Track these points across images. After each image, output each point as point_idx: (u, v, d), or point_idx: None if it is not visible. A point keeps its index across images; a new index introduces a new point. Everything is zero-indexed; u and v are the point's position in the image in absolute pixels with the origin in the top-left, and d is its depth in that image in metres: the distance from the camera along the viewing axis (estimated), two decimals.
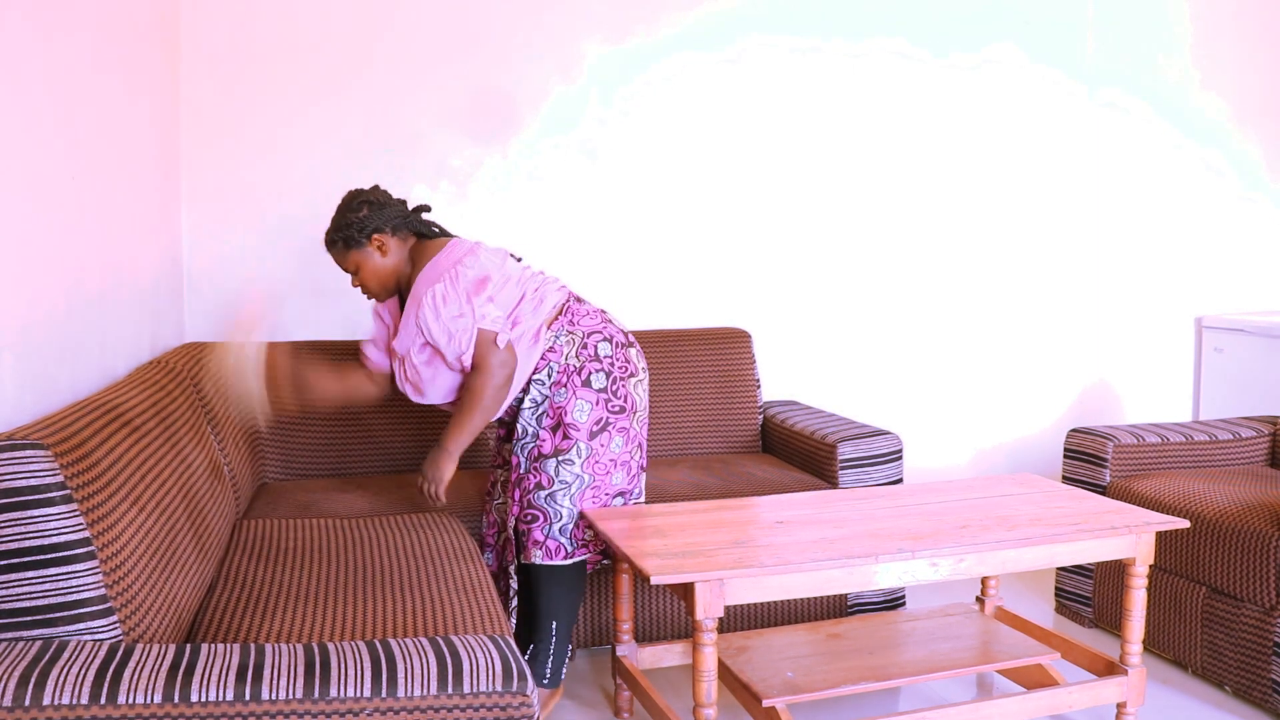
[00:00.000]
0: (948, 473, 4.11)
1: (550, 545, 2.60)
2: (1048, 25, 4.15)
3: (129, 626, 1.63)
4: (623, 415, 2.67)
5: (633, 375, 2.72)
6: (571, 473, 2.60)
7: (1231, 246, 4.47)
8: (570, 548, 2.61)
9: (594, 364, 2.65)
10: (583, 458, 2.61)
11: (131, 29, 2.77)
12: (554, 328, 2.67)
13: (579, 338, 2.67)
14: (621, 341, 2.73)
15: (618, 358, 2.69)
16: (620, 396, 2.67)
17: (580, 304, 2.75)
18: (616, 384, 2.67)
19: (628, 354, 2.73)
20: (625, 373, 2.70)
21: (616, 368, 2.68)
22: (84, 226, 2.31)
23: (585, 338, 2.67)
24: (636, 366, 2.74)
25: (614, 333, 2.73)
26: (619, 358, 2.70)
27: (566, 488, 2.60)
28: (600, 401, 2.63)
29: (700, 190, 3.87)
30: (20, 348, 1.92)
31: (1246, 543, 2.68)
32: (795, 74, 3.91)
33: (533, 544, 2.60)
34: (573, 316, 2.70)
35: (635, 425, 2.70)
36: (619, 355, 2.70)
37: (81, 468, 1.66)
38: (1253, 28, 4.41)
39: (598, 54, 3.73)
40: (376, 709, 1.48)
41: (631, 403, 2.69)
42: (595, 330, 2.69)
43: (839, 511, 2.62)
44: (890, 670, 2.53)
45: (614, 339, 2.71)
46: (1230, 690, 2.78)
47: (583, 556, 2.64)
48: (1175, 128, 4.34)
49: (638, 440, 2.71)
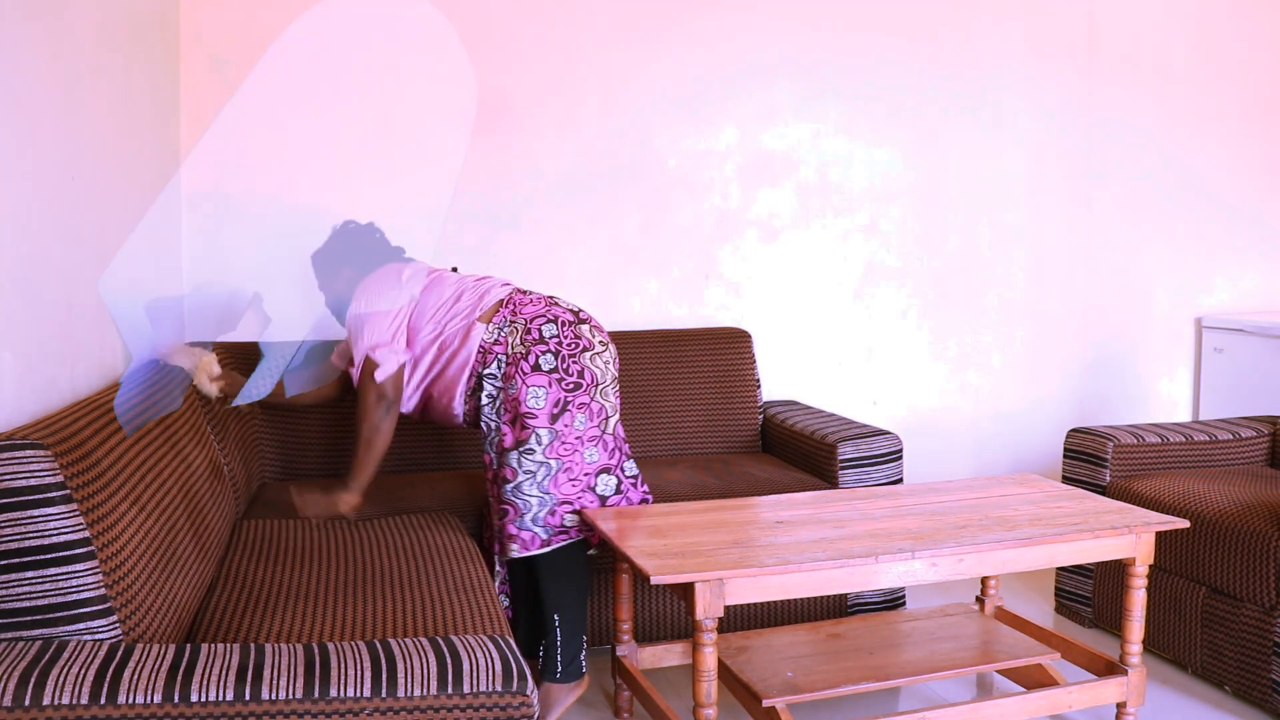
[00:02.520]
0: (948, 473, 4.11)
1: (525, 536, 2.58)
2: (1049, 23, 4.15)
3: (129, 626, 1.63)
4: (580, 391, 2.63)
5: (586, 349, 2.68)
6: (534, 461, 2.58)
7: (1231, 246, 4.47)
8: (546, 535, 2.59)
9: (539, 347, 2.64)
10: (543, 444, 2.59)
11: (131, 29, 2.77)
12: (496, 320, 2.69)
13: (522, 325, 2.67)
14: (568, 320, 2.70)
15: (565, 335, 2.67)
16: (574, 373, 2.63)
17: (524, 294, 2.77)
18: (567, 361, 2.64)
19: (577, 330, 2.69)
20: (576, 348, 2.66)
21: (565, 345, 2.65)
22: (84, 226, 2.31)
23: (529, 323, 2.67)
24: (590, 340, 2.70)
25: (559, 313, 2.71)
26: (566, 335, 2.67)
27: (531, 477, 2.58)
28: (553, 382, 2.61)
29: (700, 190, 3.87)
30: (20, 348, 1.92)
31: (1246, 543, 2.68)
32: (795, 73, 3.91)
33: (508, 538, 2.60)
34: (515, 307, 2.72)
35: (599, 398, 2.67)
36: (566, 333, 2.67)
37: (81, 468, 1.66)
38: (1254, 27, 4.41)
39: (598, 54, 3.73)
40: (376, 709, 1.48)
41: (590, 376, 2.66)
42: (539, 315, 2.69)
43: (839, 511, 2.62)
44: (890, 670, 2.53)
45: (559, 319, 2.69)
46: (1230, 690, 2.78)
47: (561, 543, 2.60)
48: (1175, 127, 4.34)
49: (604, 414, 2.68)
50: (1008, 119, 4.15)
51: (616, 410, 2.73)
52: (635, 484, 2.73)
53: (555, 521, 2.59)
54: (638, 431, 3.50)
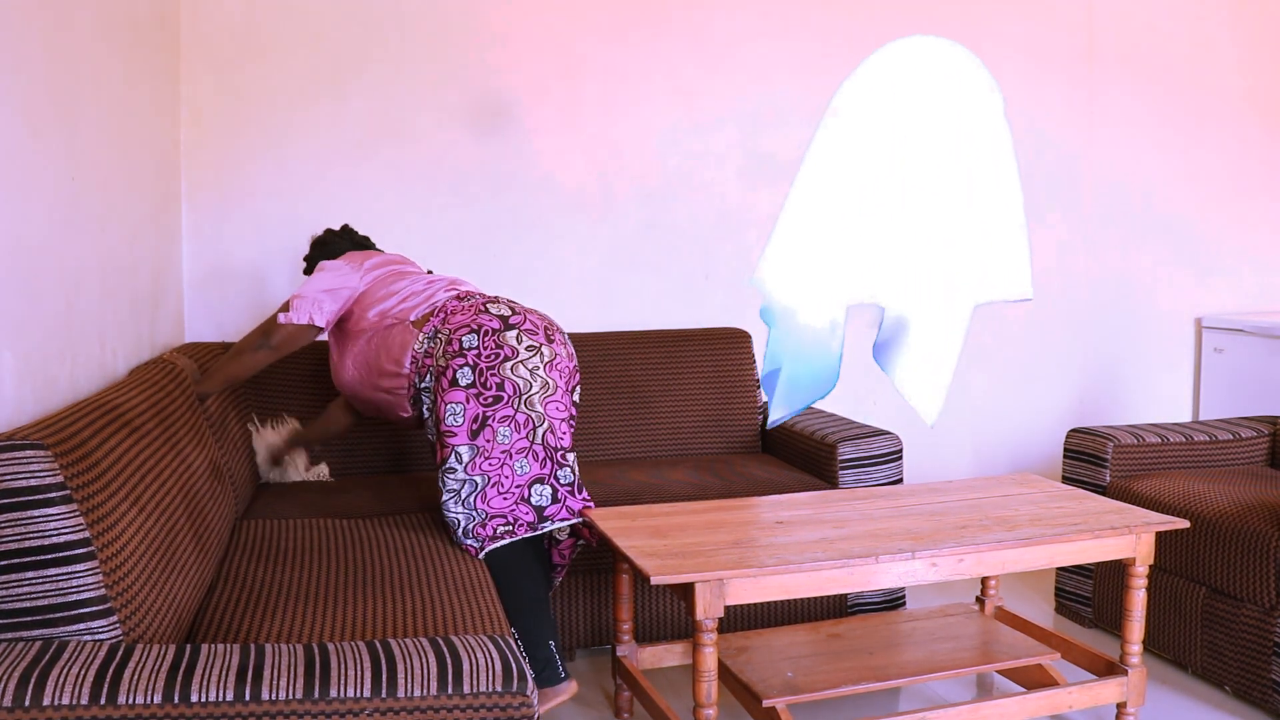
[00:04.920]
0: (948, 473, 4.11)
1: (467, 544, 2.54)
2: (1048, 23, 4.15)
3: (129, 627, 1.63)
4: (501, 404, 2.54)
5: (508, 359, 2.56)
6: (456, 479, 2.53)
7: (1231, 246, 4.46)
8: (479, 545, 2.53)
9: (458, 360, 2.55)
10: (464, 462, 2.53)
11: (131, 28, 2.77)
12: (426, 330, 2.65)
13: (445, 336, 2.60)
14: (493, 328, 2.59)
15: (485, 346, 2.56)
16: (493, 386, 2.54)
17: (460, 301, 2.69)
18: (485, 375, 2.54)
19: (499, 339, 2.58)
20: (496, 359, 2.56)
21: (484, 358, 2.55)
22: (84, 226, 2.31)
23: (452, 334, 2.59)
24: (514, 348, 2.58)
25: (485, 321, 2.60)
26: (487, 345, 2.56)
27: (455, 495, 2.53)
28: (471, 398, 2.53)
29: (700, 190, 3.87)
30: (20, 347, 1.92)
31: (1246, 543, 2.68)
32: (795, 73, 3.91)
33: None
34: (445, 315, 2.65)
35: (524, 409, 2.56)
36: (487, 343, 2.56)
37: (81, 468, 1.66)
38: (1253, 27, 4.40)
39: (598, 54, 3.73)
40: (376, 709, 1.48)
41: (511, 388, 2.55)
42: (463, 325, 2.60)
43: (839, 511, 2.62)
44: (890, 670, 2.53)
45: (483, 328, 2.59)
46: (1230, 690, 2.78)
47: (493, 547, 2.54)
48: (1175, 127, 4.34)
49: (531, 424, 2.57)
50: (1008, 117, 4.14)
51: (547, 419, 2.60)
52: (573, 490, 2.63)
53: (486, 533, 2.54)
54: (638, 431, 3.50)
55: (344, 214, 3.53)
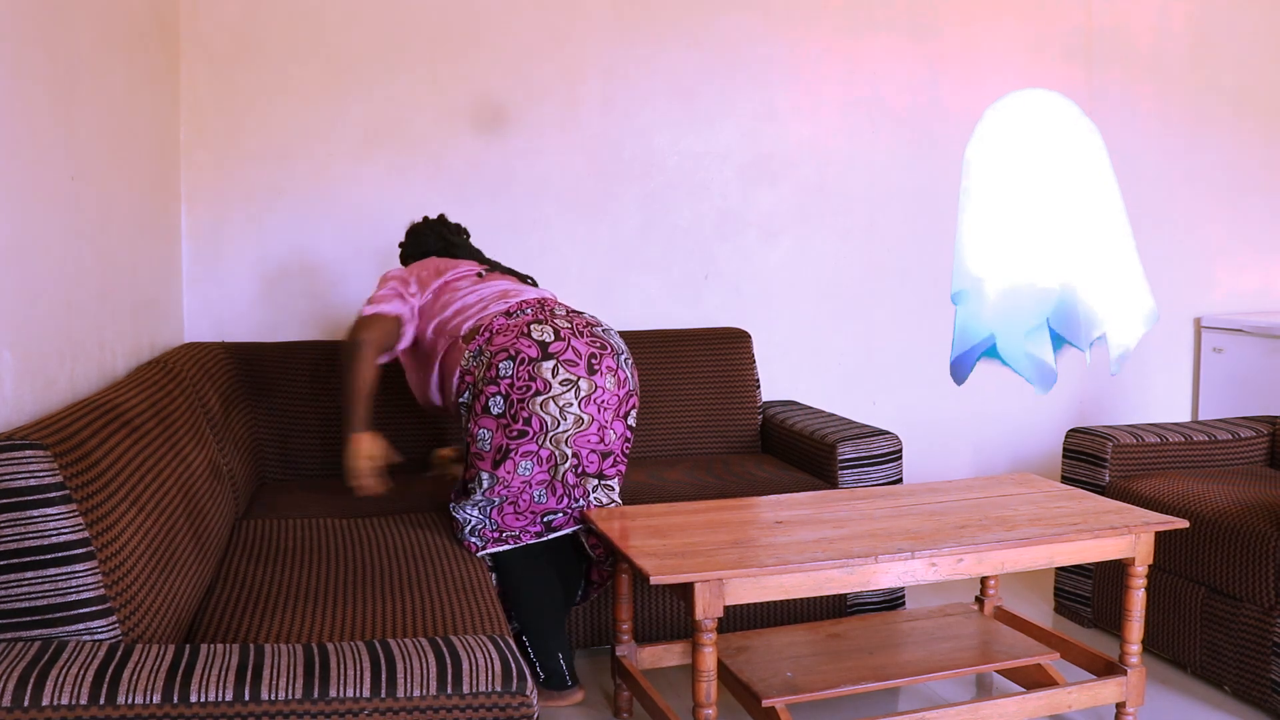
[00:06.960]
0: (947, 473, 4.11)
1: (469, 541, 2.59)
2: (1049, 23, 4.15)
3: (128, 627, 1.63)
4: (526, 439, 2.52)
5: (539, 393, 2.51)
6: (480, 492, 2.58)
7: (1231, 246, 4.46)
8: (482, 544, 2.59)
9: (491, 388, 2.53)
10: (484, 487, 2.56)
11: (131, 28, 2.77)
12: (471, 348, 2.62)
13: (487, 358, 2.57)
14: (530, 356, 2.53)
15: (519, 376, 2.51)
16: (520, 420, 2.51)
17: (509, 319, 2.62)
18: (515, 407, 2.51)
19: (534, 370, 2.52)
20: (528, 393, 2.51)
21: (516, 389, 2.51)
22: (84, 226, 2.31)
23: (493, 357, 2.56)
24: (547, 381, 2.52)
25: (523, 346, 2.54)
26: (520, 376, 2.51)
27: (473, 503, 2.58)
28: (500, 428, 2.53)
29: (700, 190, 3.87)
30: (20, 348, 1.92)
31: (1246, 543, 2.68)
32: (795, 73, 3.91)
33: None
34: (491, 335, 2.60)
35: (549, 445, 2.55)
36: (521, 373, 2.51)
37: (81, 468, 1.66)
38: (1253, 27, 4.40)
39: (598, 54, 3.73)
40: (376, 709, 1.48)
41: (538, 424, 2.52)
42: (503, 348, 2.55)
43: (839, 511, 2.62)
44: (890, 670, 2.53)
45: (520, 355, 2.53)
46: (1230, 690, 2.78)
47: (495, 549, 2.60)
48: (1175, 127, 4.34)
49: (554, 461, 2.57)
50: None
51: (571, 456, 2.58)
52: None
53: (491, 535, 2.60)
54: (637, 431, 3.50)
55: (344, 214, 3.54)
